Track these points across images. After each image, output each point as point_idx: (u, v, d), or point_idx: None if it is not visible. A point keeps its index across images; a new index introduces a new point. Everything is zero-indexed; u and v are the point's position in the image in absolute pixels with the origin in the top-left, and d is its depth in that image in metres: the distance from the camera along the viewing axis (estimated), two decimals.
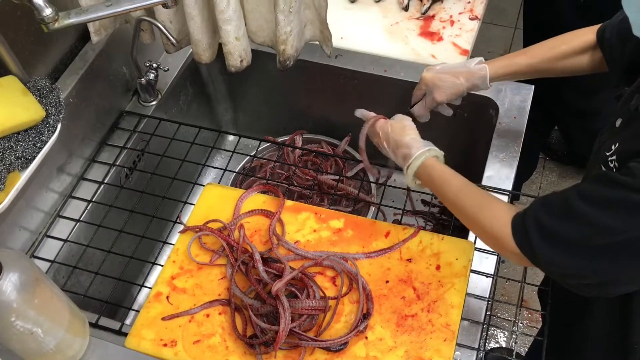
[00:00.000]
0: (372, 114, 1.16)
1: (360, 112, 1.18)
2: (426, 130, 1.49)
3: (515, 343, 1.05)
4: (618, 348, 1.00)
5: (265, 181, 1.35)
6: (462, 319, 1.01)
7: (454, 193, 0.98)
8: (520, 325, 1.04)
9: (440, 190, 1.00)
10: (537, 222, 0.82)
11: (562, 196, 0.81)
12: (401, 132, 1.09)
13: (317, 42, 1.23)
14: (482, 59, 1.15)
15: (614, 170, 0.81)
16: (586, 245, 0.78)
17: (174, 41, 1.15)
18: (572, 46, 1.07)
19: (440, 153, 1.05)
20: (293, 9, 1.08)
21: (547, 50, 1.10)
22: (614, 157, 0.82)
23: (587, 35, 1.05)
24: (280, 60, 1.17)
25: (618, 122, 0.87)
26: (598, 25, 1.04)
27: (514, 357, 1.05)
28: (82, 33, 1.23)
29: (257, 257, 1.05)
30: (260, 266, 1.04)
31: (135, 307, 1.14)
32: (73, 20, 0.95)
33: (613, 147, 0.83)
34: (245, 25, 1.17)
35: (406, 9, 1.54)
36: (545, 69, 1.10)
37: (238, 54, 1.16)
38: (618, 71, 1.01)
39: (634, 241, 0.74)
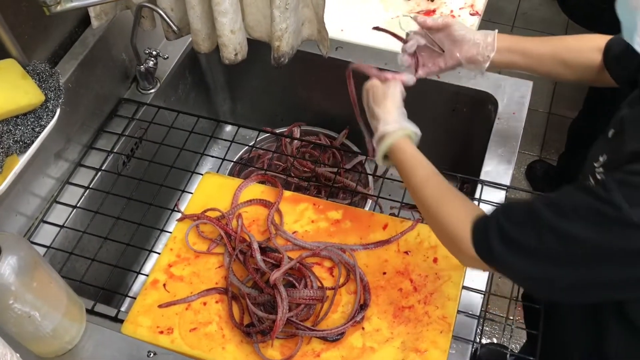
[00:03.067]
0: (372, 69, 1.05)
1: (355, 66, 1.08)
2: (425, 123, 1.49)
3: (511, 336, 1.05)
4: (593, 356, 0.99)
5: (263, 172, 1.35)
6: (458, 311, 1.02)
7: (418, 182, 0.94)
8: (517, 319, 1.05)
9: (406, 177, 0.96)
10: (499, 227, 0.79)
11: (527, 204, 0.79)
12: (380, 99, 1.01)
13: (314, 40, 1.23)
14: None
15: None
16: (546, 253, 0.75)
17: (175, 29, 1.15)
18: (583, 43, 1.03)
19: (414, 131, 0.99)
20: (289, 6, 1.07)
21: (555, 41, 1.06)
22: (601, 170, 0.81)
23: (600, 39, 1.02)
24: (274, 56, 1.17)
25: (610, 133, 0.85)
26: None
27: (508, 351, 1.06)
28: (82, 18, 1.22)
29: (255, 246, 1.05)
30: (258, 255, 1.04)
31: (130, 294, 1.14)
32: (75, 3, 0.95)
33: (601, 159, 0.82)
34: (243, 19, 1.16)
35: None
36: (550, 59, 1.05)
37: (233, 47, 1.15)
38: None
39: (596, 251, 0.72)
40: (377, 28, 1.14)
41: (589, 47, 1.02)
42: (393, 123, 0.98)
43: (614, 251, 0.71)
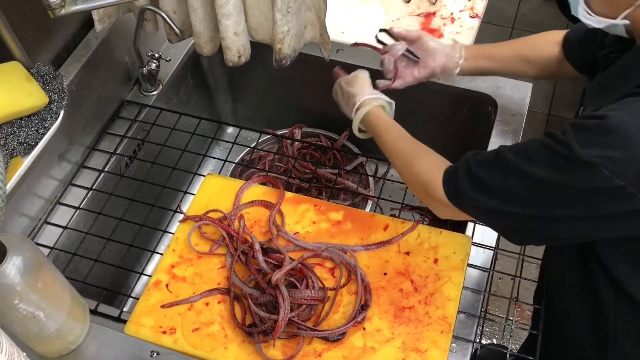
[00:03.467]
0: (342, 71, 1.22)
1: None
2: (426, 125, 1.50)
3: (511, 336, 1.06)
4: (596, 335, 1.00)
5: (264, 173, 1.36)
6: (459, 311, 1.03)
7: (392, 140, 1.03)
8: (516, 320, 1.05)
9: (381, 138, 1.06)
10: (468, 170, 0.87)
11: (495, 150, 0.86)
12: (352, 81, 1.15)
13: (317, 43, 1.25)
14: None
15: None
16: (512, 192, 0.81)
17: (178, 31, 1.16)
18: (542, 39, 1.12)
19: (388, 103, 1.10)
20: (291, 9, 1.08)
21: (516, 42, 1.15)
22: None
23: (558, 34, 1.11)
24: (276, 59, 1.18)
25: (581, 110, 0.92)
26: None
27: (508, 351, 1.06)
28: (85, 21, 1.23)
29: (257, 247, 1.06)
30: (260, 256, 1.05)
31: (133, 294, 1.15)
32: (79, 6, 0.96)
33: None
34: (246, 21, 1.17)
35: (408, 0, 1.55)
36: (514, 59, 1.14)
37: (236, 49, 1.16)
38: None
39: (556, 190, 0.77)
40: (355, 44, 1.30)
41: (547, 41, 1.12)
42: (368, 95, 1.11)
43: (572, 191, 0.76)
